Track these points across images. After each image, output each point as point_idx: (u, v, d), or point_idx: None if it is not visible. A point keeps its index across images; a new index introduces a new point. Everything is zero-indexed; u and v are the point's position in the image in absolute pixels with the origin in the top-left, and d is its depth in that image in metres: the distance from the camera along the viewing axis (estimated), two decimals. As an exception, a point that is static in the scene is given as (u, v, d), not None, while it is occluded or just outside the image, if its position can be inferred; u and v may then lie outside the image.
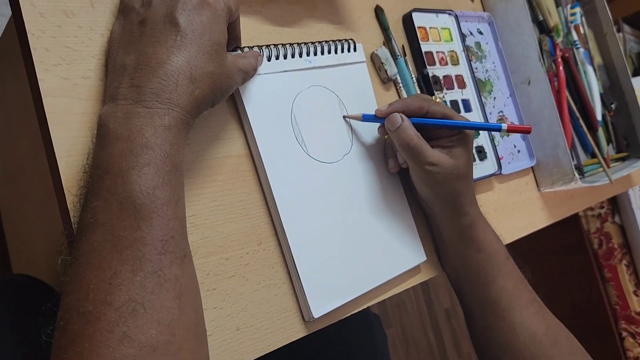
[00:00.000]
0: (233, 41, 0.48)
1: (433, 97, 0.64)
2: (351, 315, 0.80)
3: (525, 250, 1.79)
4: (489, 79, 0.76)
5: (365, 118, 0.56)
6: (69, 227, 0.38)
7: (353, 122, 0.57)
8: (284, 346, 0.72)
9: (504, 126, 0.56)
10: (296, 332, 0.49)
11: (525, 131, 0.57)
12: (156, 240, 0.35)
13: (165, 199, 0.36)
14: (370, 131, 0.58)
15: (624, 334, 1.49)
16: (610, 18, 0.95)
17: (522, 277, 0.59)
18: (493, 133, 0.73)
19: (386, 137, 0.58)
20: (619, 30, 1.53)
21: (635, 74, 1.52)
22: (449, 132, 0.55)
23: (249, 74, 0.47)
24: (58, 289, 0.36)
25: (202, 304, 0.43)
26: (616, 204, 1.48)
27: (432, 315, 1.84)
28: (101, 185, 0.35)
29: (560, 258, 1.64)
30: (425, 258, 0.59)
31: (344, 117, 0.56)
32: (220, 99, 0.43)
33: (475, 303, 0.59)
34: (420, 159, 0.53)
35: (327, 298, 0.50)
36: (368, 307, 0.87)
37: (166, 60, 0.38)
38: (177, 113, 0.38)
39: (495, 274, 0.57)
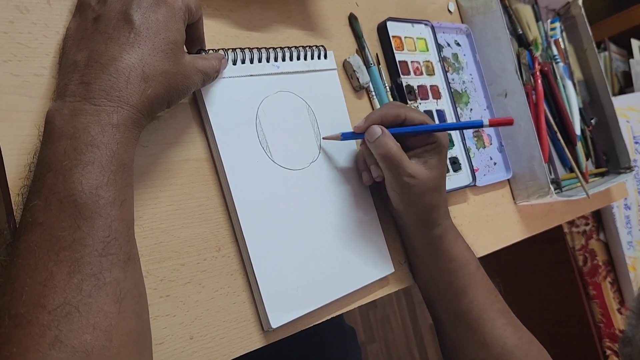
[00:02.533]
0: (196, 42, 0.47)
1: (410, 105, 0.62)
2: (325, 328, 0.80)
3: (511, 266, 1.79)
4: (465, 91, 0.75)
5: (345, 137, 0.55)
6: (10, 227, 0.37)
7: (322, 129, 0.56)
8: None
9: (485, 121, 0.54)
10: (254, 342, 0.47)
11: (507, 123, 0.55)
12: (97, 242, 0.34)
13: (109, 199, 0.35)
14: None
15: (608, 352, 1.48)
16: (590, 34, 0.95)
17: (493, 288, 0.58)
18: (469, 145, 0.72)
19: (359, 150, 0.57)
20: (605, 49, 1.54)
21: (620, 92, 1.53)
22: (424, 141, 0.54)
23: (209, 75, 0.46)
24: None
25: (154, 311, 0.42)
26: (601, 221, 1.48)
27: (417, 331, 1.82)
28: (42, 184, 0.34)
29: (545, 275, 1.63)
30: (393, 270, 0.58)
31: (323, 138, 0.55)
32: (177, 100, 0.42)
33: (446, 315, 0.58)
34: (399, 170, 0.52)
35: (287, 308, 0.48)
36: (343, 320, 0.86)
37: (118, 57, 0.37)
38: (126, 111, 0.37)
39: (466, 285, 0.56)
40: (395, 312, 1.78)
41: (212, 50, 0.49)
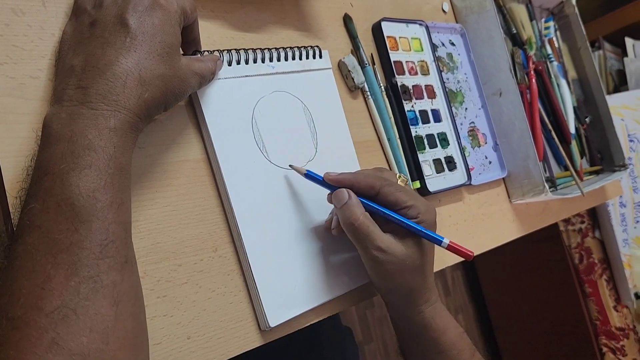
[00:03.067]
0: (192, 44, 0.47)
1: (398, 175, 0.55)
2: (322, 328, 0.80)
3: (507, 265, 1.79)
4: (460, 90, 0.76)
5: (309, 175, 0.51)
6: (8, 230, 0.37)
7: (318, 128, 0.56)
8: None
9: (446, 241, 0.49)
10: (251, 341, 0.48)
11: (466, 256, 0.50)
12: (94, 245, 0.34)
13: (106, 202, 0.35)
14: (335, 138, 0.58)
15: (605, 349, 1.49)
16: (584, 33, 0.95)
17: None
18: (464, 144, 0.73)
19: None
20: (599, 48, 1.55)
21: (615, 91, 1.54)
22: (408, 214, 0.50)
23: (205, 77, 0.46)
24: None
25: (152, 312, 0.42)
26: (596, 219, 1.49)
27: (414, 329, 1.82)
28: (40, 187, 0.34)
29: (542, 273, 1.64)
30: (389, 268, 0.58)
31: (289, 165, 0.52)
32: (174, 103, 0.42)
33: None
34: (366, 242, 0.48)
35: (284, 307, 0.49)
36: (340, 320, 0.86)
37: (114, 61, 0.37)
38: (124, 115, 0.37)
39: None
40: (392, 311, 1.78)
41: (208, 51, 0.49)
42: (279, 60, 0.55)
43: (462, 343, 0.53)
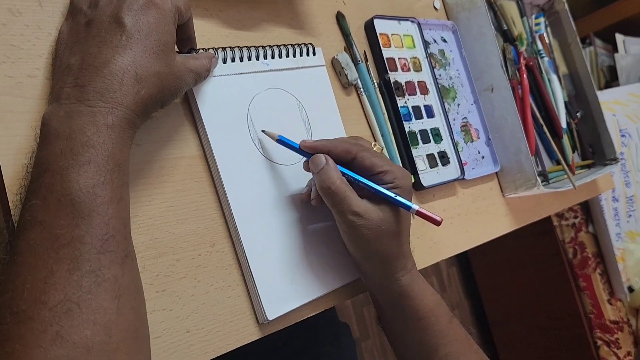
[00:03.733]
0: (187, 42, 0.48)
1: (373, 143, 0.55)
2: (319, 323, 0.81)
3: (502, 261, 1.80)
4: (452, 86, 0.77)
5: (282, 141, 0.51)
6: (8, 226, 0.37)
7: (313, 125, 0.57)
8: (251, 355, 0.71)
9: (415, 207, 0.50)
10: (250, 334, 0.48)
11: (434, 221, 0.51)
12: (95, 239, 0.35)
13: (106, 198, 0.36)
14: (330, 134, 0.58)
15: (599, 342, 1.50)
16: (574, 28, 0.97)
17: (467, 339, 0.55)
18: (457, 139, 0.74)
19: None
20: (590, 44, 1.57)
21: (606, 86, 1.56)
22: (380, 180, 0.50)
23: (201, 75, 0.47)
24: None
25: (151, 306, 0.43)
26: (589, 214, 1.50)
27: (411, 326, 1.83)
28: (40, 184, 0.35)
29: (536, 268, 1.65)
30: (385, 261, 0.59)
31: (262, 131, 0.52)
32: (170, 100, 0.43)
33: None
34: (342, 206, 0.48)
35: (282, 300, 0.49)
36: (337, 316, 0.87)
37: (111, 59, 0.38)
38: (121, 112, 0.38)
39: (438, 342, 0.53)
40: (389, 308, 1.79)
41: (203, 49, 0.50)
42: (273, 57, 0.55)
43: (440, 310, 0.53)
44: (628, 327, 1.49)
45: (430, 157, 0.69)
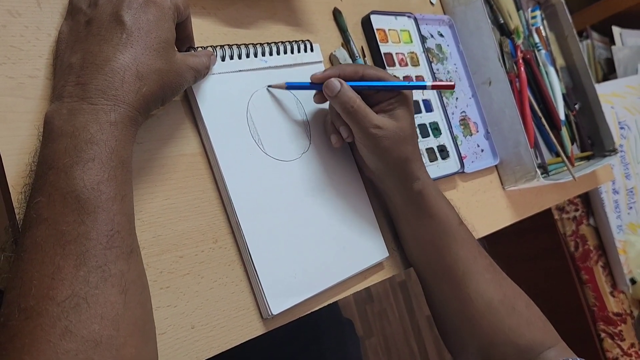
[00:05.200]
0: (186, 41, 0.48)
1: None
2: (323, 320, 0.81)
3: (503, 255, 1.80)
4: (450, 80, 0.77)
5: (290, 86, 0.55)
6: (13, 224, 0.38)
7: (312, 121, 0.57)
8: (256, 351, 0.72)
9: (429, 83, 0.57)
10: (254, 329, 0.49)
11: (448, 87, 0.58)
12: (101, 235, 0.35)
13: (110, 194, 0.36)
14: (329, 130, 0.59)
15: (603, 335, 1.50)
16: (571, 21, 0.97)
17: (476, 243, 0.59)
18: (456, 133, 0.74)
19: (327, 114, 0.58)
20: (587, 38, 1.57)
21: (604, 79, 1.56)
22: (388, 95, 0.55)
23: (200, 72, 0.47)
24: (1, 286, 0.35)
25: (156, 302, 0.43)
26: (590, 206, 1.50)
27: (414, 323, 1.84)
28: (45, 181, 0.35)
29: (538, 262, 1.65)
30: (387, 254, 0.59)
31: (267, 87, 0.55)
32: (171, 97, 0.43)
33: (431, 273, 0.59)
34: (365, 122, 0.52)
35: (286, 295, 0.50)
36: (340, 312, 0.87)
37: (112, 57, 0.38)
38: (123, 109, 0.38)
39: (449, 242, 0.57)
40: (392, 305, 1.79)
41: (201, 47, 0.50)
42: (271, 54, 0.56)
43: (451, 212, 0.59)
44: (631, 319, 1.50)
45: (429, 151, 0.69)
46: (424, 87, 0.56)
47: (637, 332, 0.54)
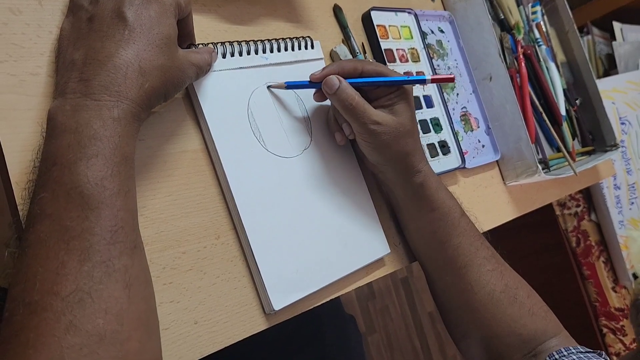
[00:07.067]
0: (186, 38, 0.48)
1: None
2: (325, 316, 0.81)
3: (505, 252, 1.80)
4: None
5: (290, 85, 0.55)
6: (17, 221, 0.38)
7: (312, 118, 0.57)
8: (259, 347, 0.72)
9: (428, 77, 0.56)
10: (257, 324, 0.49)
11: (449, 79, 0.57)
12: (105, 231, 0.35)
13: (114, 190, 0.36)
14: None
15: (605, 330, 1.50)
16: (571, 16, 0.97)
17: (478, 234, 0.59)
18: (457, 129, 0.74)
19: (330, 112, 0.58)
20: (588, 33, 1.56)
21: (605, 75, 1.56)
22: (388, 90, 0.55)
23: (202, 69, 0.47)
24: (5, 283, 0.36)
25: (159, 298, 0.43)
26: (591, 202, 1.50)
27: (416, 319, 1.84)
28: (48, 177, 0.36)
29: (540, 258, 1.65)
30: (389, 250, 0.59)
31: (268, 87, 0.55)
32: (173, 93, 0.44)
33: (433, 264, 0.59)
34: (364, 118, 0.52)
35: (288, 290, 0.50)
36: (342, 308, 0.88)
37: (114, 53, 0.39)
38: (126, 105, 0.38)
39: (450, 233, 0.57)
40: (394, 302, 1.79)
41: (202, 44, 0.50)
42: (272, 51, 0.56)
43: (452, 202, 0.59)
44: (633, 314, 1.49)
45: (430, 146, 0.69)
46: (423, 82, 0.56)
47: (631, 319, 0.54)
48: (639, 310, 0.52)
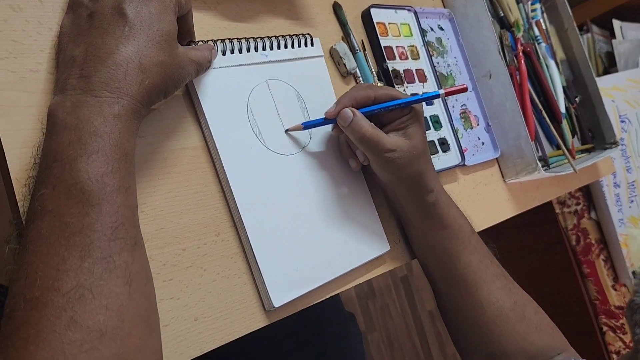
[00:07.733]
0: (186, 35, 0.49)
1: (375, 83, 0.62)
2: (325, 314, 0.81)
3: (505, 250, 1.80)
4: (450, 74, 0.77)
5: (307, 125, 0.55)
6: (17, 217, 0.38)
7: (312, 115, 0.57)
8: (258, 345, 0.72)
9: (442, 91, 0.56)
10: (257, 321, 0.49)
11: (461, 90, 0.57)
12: (105, 227, 0.35)
13: (114, 186, 0.37)
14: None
15: (605, 328, 1.50)
16: (571, 14, 0.97)
17: (488, 252, 0.60)
18: (456, 126, 0.74)
19: (340, 135, 0.58)
20: (587, 31, 1.56)
21: (605, 73, 1.56)
22: (401, 113, 0.55)
23: (202, 66, 0.47)
24: (5, 279, 0.36)
25: (159, 295, 0.43)
26: (591, 200, 1.50)
27: (417, 318, 1.84)
28: (49, 173, 0.36)
29: (540, 256, 1.65)
30: (388, 248, 0.59)
31: (286, 131, 0.55)
32: (173, 90, 0.44)
33: (443, 280, 0.60)
34: (378, 148, 0.53)
35: (287, 288, 0.50)
36: (342, 306, 0.88)
37: (115, 50, 0.39)
38: (127, 102, 0.38)
39: (461, 250, 0.58)
40: (394, 300, 1.80)
41: (202, 41, 0.50)
42: (271, 49, 0.56)
43: (463, 220, 0.60)
44: (633, 312, 1.49)
45: (430, 144, 0.69)
46: (437, 97, 0.57)
47: (627, 319, 0.54)
48: (635, 311, 0.52)
